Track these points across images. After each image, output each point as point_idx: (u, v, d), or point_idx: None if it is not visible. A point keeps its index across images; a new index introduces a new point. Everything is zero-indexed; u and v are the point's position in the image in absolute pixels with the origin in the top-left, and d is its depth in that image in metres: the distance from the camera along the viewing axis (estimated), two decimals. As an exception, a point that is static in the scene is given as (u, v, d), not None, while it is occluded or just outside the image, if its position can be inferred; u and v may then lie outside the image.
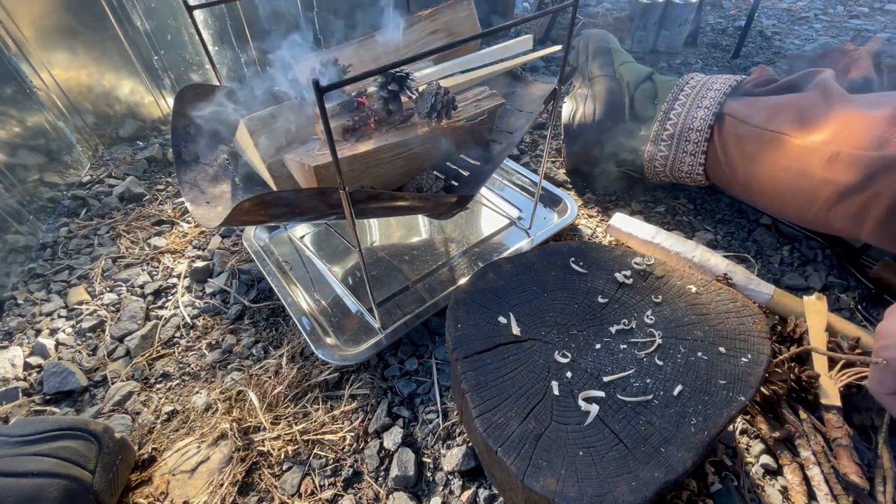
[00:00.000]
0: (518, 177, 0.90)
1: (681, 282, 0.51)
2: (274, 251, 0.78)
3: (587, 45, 0.98)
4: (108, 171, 1.04)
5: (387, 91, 0.56)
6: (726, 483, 0.49)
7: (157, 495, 0.52)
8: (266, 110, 0.59)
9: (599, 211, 0.88)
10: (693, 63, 1.45)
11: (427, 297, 0.68)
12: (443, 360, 0.64)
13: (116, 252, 0.84)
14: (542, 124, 1.15)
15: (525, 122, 0.67)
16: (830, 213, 0.63)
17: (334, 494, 0.51)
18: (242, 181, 0.65)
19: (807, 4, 1.98)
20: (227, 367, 0.65)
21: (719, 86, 0.77)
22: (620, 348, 0.45)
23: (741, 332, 0.45)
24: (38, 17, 0.93)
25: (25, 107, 0.92)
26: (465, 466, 0.52)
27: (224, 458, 0.55)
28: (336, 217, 0.58)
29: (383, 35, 0.70)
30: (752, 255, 0.76)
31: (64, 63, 1.00)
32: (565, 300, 0.50)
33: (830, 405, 0.52)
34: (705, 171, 0.77)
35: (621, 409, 0.41)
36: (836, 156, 0.60)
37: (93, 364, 0.66)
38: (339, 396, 0.60)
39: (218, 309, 0.73)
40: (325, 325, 0.66)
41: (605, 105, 0.87)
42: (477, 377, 0.44)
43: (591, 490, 0.36)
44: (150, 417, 0.60)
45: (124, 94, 1.11)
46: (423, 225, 0.84)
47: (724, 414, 0.40)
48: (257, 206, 0.46)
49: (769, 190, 0.69)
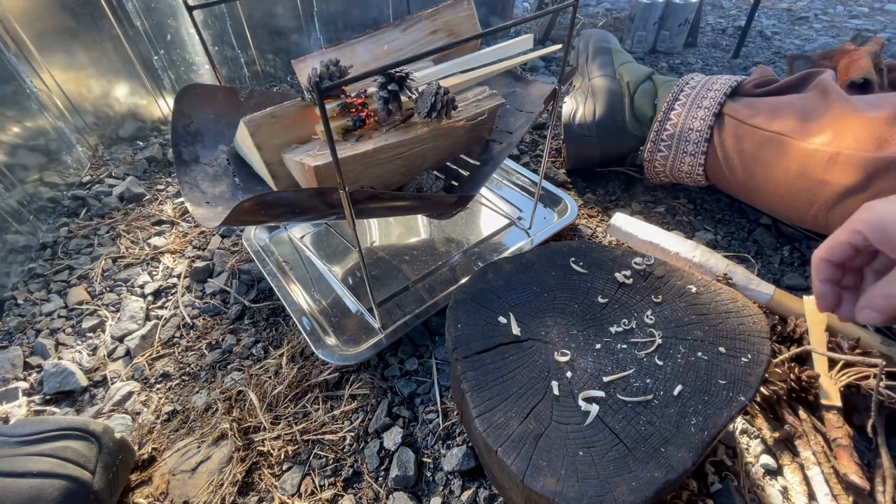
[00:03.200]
0: (518, 177, 0.90)
1: (681, 282, 0.51)
2: (274, 251, 0.78)
3: (587, 45, 0.98)
4: (108, 171, 1.04)
5: (387, 91, 0.56)
6: (726, 483, 0.49)
7: (157, 495, 0.52)
8: (266, 110, 0.59)
9: (599, 211, 0.88)
10: (693, 63, 1.45)
11: (427, 297, 0.68)
12: (443, 360, 0.64)
13: (116, 252, 0.84)
14: (542, 124, 1.15)
15: (525, 122, 0.67)
16: (830, 213, 0.63)
17: (334, 494, 0.51)
18: (242, 181, 0.65)
19: (807, 4, 1.98)
20: (227, 367, 0.65)
21: (719, 86, 0.77)
22: (620, 348, 0.45)
23: (741, 332, 0.45)
24: (37, 18, 0.93)
25: (25, 107, 0.92)
26: (465, 466, 0.52)
27: (224, 458, 0.55)
28: (336, 217, 0.58)
29: (383, 35, 0.70)
30: (752, 255, 0.76)
31: (64, 63, 1.00)
32: (565, 300, 0.50)
33: (830, 405, 0.52)
34: (705, 171, 0.77)
35: (621, 409, 0.41)
36: (836, 156, 0.60)
37: (93, 364, 0.66)
38: (339, 396, 0.60)
39: (218, 309, 0.73)
40: (325, 325, 0.66)
41: (605, 105, 0.87)
42: (477, 377, 0.44)
43: (591, 490, 0.36)
44: (150, 417, 0.60)
45: (124, 95, 1.11)
46: (423, 225, 0.84)
47: (725, 414, 0.40)
48: (257, 206, 0.46)
49: (769, 190, 0.69)
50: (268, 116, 0.59)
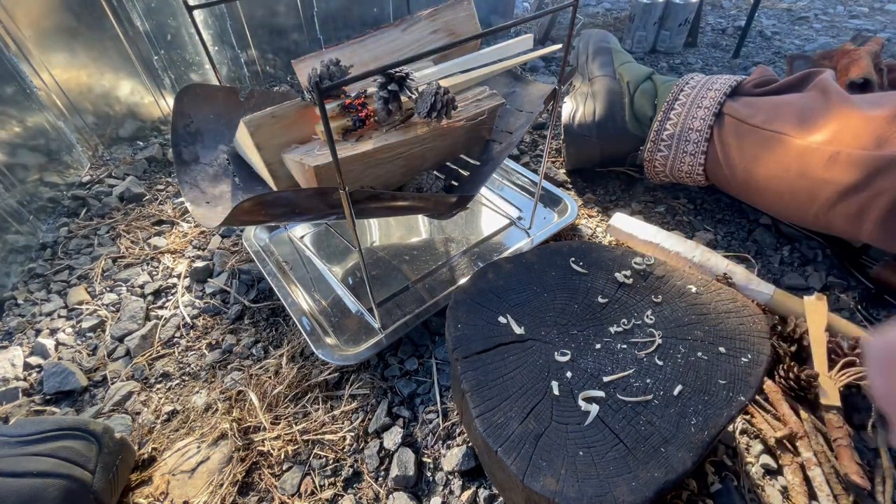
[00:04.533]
0: (518, 177, 0.90)
1: (681, 282, 0.51)
2: (274, 251, 0.78)
3: (587, 45, 0.98)
4: (108, 171, 1.04)
5: (387, 91, 0.56)
6: (726, 483, 0.49)
7: (157, 495, 0.52)
8: (266, 110, 0.59)
9: (599, 211, 0.88)
10: (693, 63, 1.45)
11: (427, 297, 0.68)
12: (443, 360, 0.64)
13: (116, 252, 0.84)
14: (542, 124, 1.15)
15: (525, 122, 0.67)
16: (830, 213, 0.63)
17: (334, 494, 0.51)
18: (242, 181, 0.65)
19: (807, 4, 1.98)
20: (227, 367, 0.65)
21: (719, 86, 0.77)
22: (620, 348, 0.45)
23: (741, 332, 0.45)
24: (38, 17, 0.93)
25: (25, 107, 0.92)
26: (465, 466, 0.52)
27: (224, 458, 0.55)
28: (336, 217, 0.58)
29: (383, 35, 0.70)
30: (752, 255, 0.76)
31: (64, 63, 1.00)
32: (565, 300, 0.50)
33: (830, 405, 0.52)
34: (705, 171, 0.77)
35: (621, 409, 0.41)
36: (836, 155, 0.60)
37: (93, 364, 0.66)
38: (339, 396, 0.60)
39: (218, 309, 0.73)
40: (325, 325, 0.66)
41: (605, 105, 0.87)
42: (477, 377, 0.44)
43: (591, 490, 0.36)
44: (150, 417, 0.60)
45: (124, 94, 1.11)
46: (423, 225, 0.84)
47: (724, 414, 0.40)
48: (257, 206, 0.46)
49: (769, 190, 0.69)
50: (268, 116, 0.59)
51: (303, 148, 0.59)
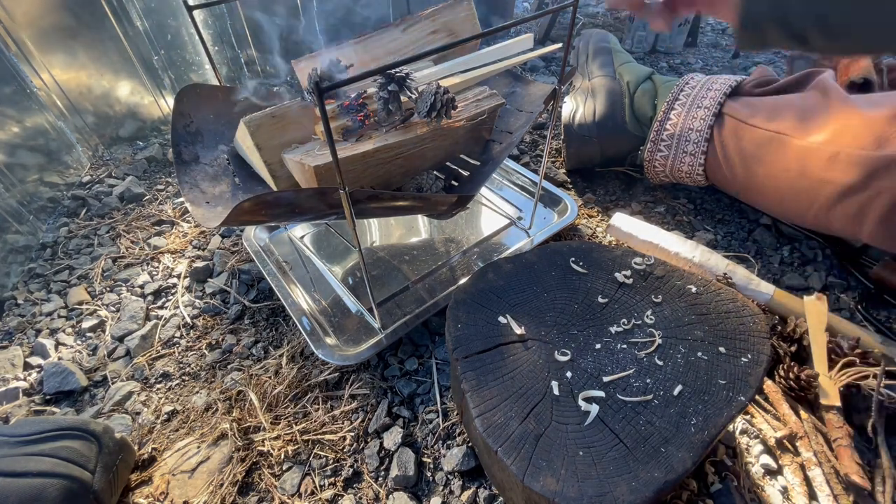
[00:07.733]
0: (518, 177, 0.90)
1: (681, 282, 0.51)
2: (274, 251, 0.78)
3: (587, 45, 0.98)
4: (108, 171, 1.04)
5: (387, 91, 0.56)
6: (726, 483, 0.49)
7: (157, 495, 0.52)
8: (266, 110, 0.59)
9: (599, 211, 0.88)
10: (693, 63, 1.45)
11: (427, 297, 0.68)
12: (443, 360, 0.64)
13: (116, 252, 0.84)
14: (542, 124, 1.15)
15: (525, 122, 0.67)
16: (830, 213, 0.63)
17: (334, 494, 0.51)
18: (242, 181, 0.65)
19: (807, 4, 1.98)
20: (227, 367, 0.65)
21: (719, 86, 0.77)
22: (620, 348, 0.45)
23: (741, 332, 0.45)
24: (38, 17, 0.93)
25: (25, 107, 0.92)
26: (465, 466, 0.52)
27: (224, 458, 0.55)
28: (336, 217, 0.58)
29: (383, 35, 0.70)
30: (752, 255, 0.76)
31: (64, 63, 1.00)
32: (565, 300, 0.50)
33: (830, 405, 0.52)
34: (705, 171, 0.77)
35: (621, 409, 0.41)
36: (836, 156, 0.60)
37: (93, 364, 0.66)
38: (339, 396, 0.60)
39: (218, 309, 0.73)
40: (325, 325, 0.66)
41: (605, 105, 0.87)
42: (477, 377, 0.44)
43: (591, 490, 0.36)
44: (150, 417, 0.60)
45: (124, 94, 1.11)
46: (423, 225, 0.84)
47: (724, 414, 0.40)
48: (257, 206, 0.46)
49: (769, 190, 0.69)
50: (268, 116, 0.59)
51: (303, 148, 0.59)
